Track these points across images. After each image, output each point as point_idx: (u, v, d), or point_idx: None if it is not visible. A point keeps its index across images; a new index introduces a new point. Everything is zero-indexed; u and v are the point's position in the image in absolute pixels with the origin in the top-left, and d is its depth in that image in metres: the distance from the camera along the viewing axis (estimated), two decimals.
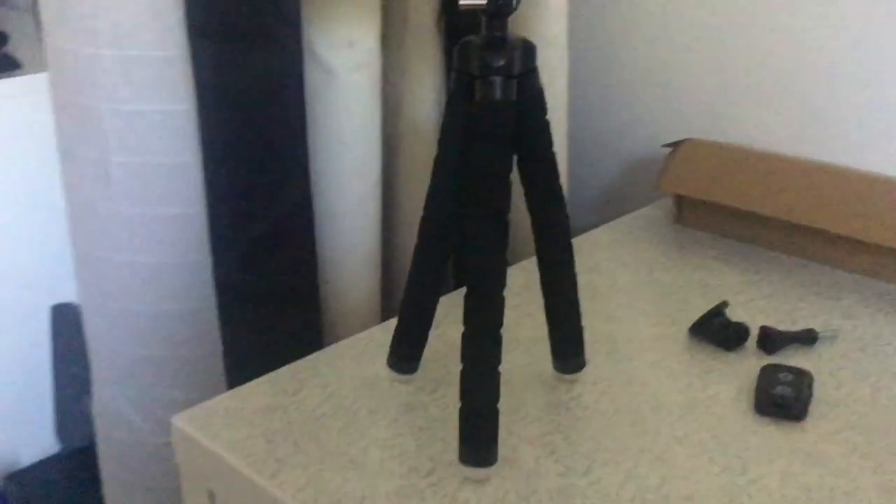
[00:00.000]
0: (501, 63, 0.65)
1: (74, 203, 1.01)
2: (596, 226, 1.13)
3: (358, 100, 0.95)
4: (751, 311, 0.92)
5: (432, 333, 0.79)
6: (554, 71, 1.09)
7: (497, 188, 0.65)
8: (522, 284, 0.94)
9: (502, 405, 0.69)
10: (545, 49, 1.08)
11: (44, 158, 1.06)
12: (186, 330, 1.03)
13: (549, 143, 0.71)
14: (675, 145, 1.11)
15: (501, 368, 0.68)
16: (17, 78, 1.30)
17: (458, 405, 0.68)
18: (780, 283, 0.98)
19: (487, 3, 0.64)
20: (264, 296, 0.98)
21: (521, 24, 1.05)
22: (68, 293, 1.31)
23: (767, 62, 1.11)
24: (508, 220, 0.67)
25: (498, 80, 0.65)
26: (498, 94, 0.65)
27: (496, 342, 0.67)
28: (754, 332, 0.87)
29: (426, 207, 0.73)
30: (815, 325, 0.89)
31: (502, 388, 0.68)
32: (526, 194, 0.72)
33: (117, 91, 0.91)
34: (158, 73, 0.90)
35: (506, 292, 0.67)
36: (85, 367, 1.10)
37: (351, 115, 0.96)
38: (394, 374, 0.81)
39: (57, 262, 1.33)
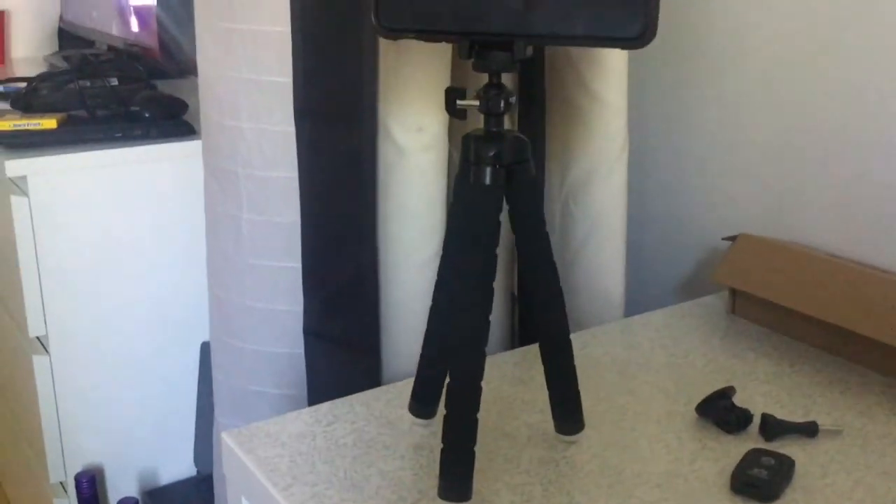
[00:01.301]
0: (492, 153, 0.76)
1: (211, 251, 1.18)
2: (656, 307, 1.20)
3: (424, 177, 1.09)
4: (767, 400, 0.96)
5: None
6: (614, 163, 1.18)
7: (481, 261, 0.76)
8: None
9: (501, 456, 0.78)
10: (606, 143, 1.18)
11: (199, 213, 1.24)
12: (290, 370, 1.19)
13: (542, 225, 0.81)
14: (733, 239, 1.17)
15: (514, 427, 0.77)
16: (191, 142, 1.49)
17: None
18: (807, 377, 1.01)
19: (479, 104, 0.76)
20: (337, 342, 1.12)
21: (583, 120, 1.16)
22: None
23: (829, 164, 1.15)
24: (492, 289, 0.77)
25: (488, 168, 0.76)
26: (487, 180, 0.76)
27: (475, 394, 0.77)
28: (758, 419, 0.91)
29: (439, 274, 0.85)
30: (827, 420, 0.92)
31: (507, 442, 0.78)
32: (520, 272, 0.82)
33: (251, 159, 1.09)
34: (284, 145, 1.07)
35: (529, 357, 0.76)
36: None
37: (418, 190, 1.09)
38: (413, 418, 0.92)
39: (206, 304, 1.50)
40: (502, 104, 0.76)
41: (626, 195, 1.21)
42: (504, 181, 0.77)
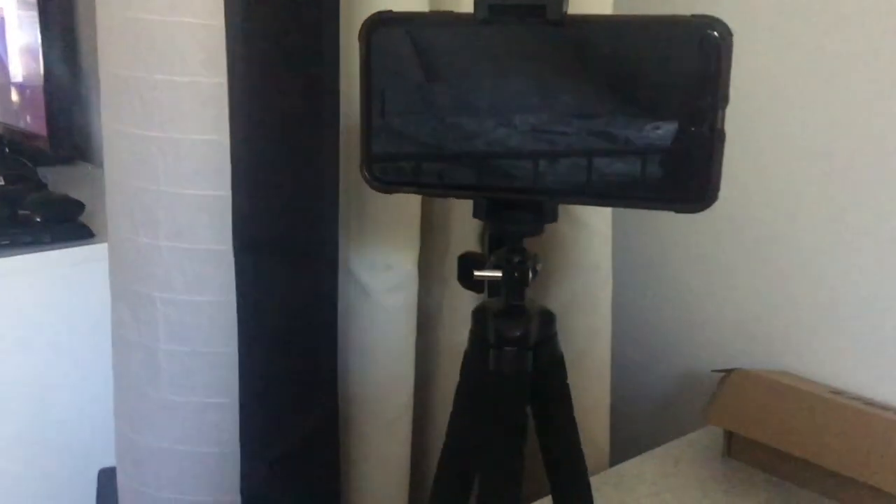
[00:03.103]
0: (517, 334, 0.63)
1: (120, 385, 1.02)
2: (644, 446, 1.08)
3: (392, 320, 0.95)
4: None
5: None
6: (598, 292, 1.07)
7: (507, 457, 0.63)
8: None
9: None
10: (590, 271, 1.07)
11: (102, 326, 1.11)
12: None
13: (570, 409, 0.68)
14: (725, 373, 1.07)
15: None
16: (90, 246, 1.35)
17: None
18: None
19: (503, 275, 0.62)
20: None
21: (565, 247, 1.04)
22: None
23: (819, 291, 1.08)
24: (520, 484, 0.64)
25: (512, 350, 0.63)
26: (511, 366, 0.63)
27: None
28: None
29: (439, 461, 0.71)
30: None
31: None
32: (544, 452, 0.69)
33: (171, 281, 0.94)
34: (212, 267, 0.93)
35: None
36: None
37: (385, 335, 0.95)
38: None
39: (107, 428, 1.35)
40: (531, 274, 0.63)
41: (609, 326, 1.09)
42: (529, 365, 0.64)
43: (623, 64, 0.56)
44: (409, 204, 0.93)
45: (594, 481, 1.01)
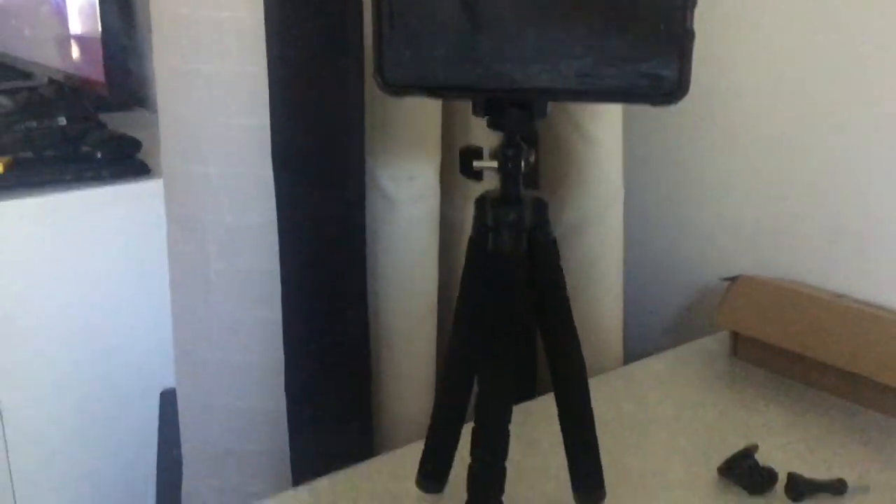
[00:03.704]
0: (512, 217, 0.70)
1: (177, 302, 1.11)
2: (655, 353, 1.15)
3: (416, 229, 1.03)
4: (787, 454, 0.92)
5: (459, 455, 0.84)
6: (609, 207, 1.14)
7: (507, 334, 0.70)
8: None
9: None
10: (602, 186, 1.14)
11: (161, 257, 1.16)
12: (268, 427, 1.11)
13: (563, 290, 0.75)
14: (732, 279, 1.13)
15: (530, 499, 0.71)
16: (146, 182, 1.40)
17: None
18: (825, 427, 0.98)
19: (499, 165, 0.70)
20: (325, 407, 1.05)
21: (578, 163, 1.11)
22: None
23: (825, 202, 1.12)
24: (516, 368, 0.72)
25: (508, 233, 0.70)
26: (508, 246, 0.70)
27: (499, 479, 0.72)
28: (783, 477, 0.87)
29: (450, 345, 0.79)
30: (852, 474, 0.88)
31: None
32: (542, 338, 0.77)
33: (220, 205, 1.02)
34: (256, 190, 1.00)
35: (540, 422, 0.74)
36: None
37: (409, 242, 1.03)
38: (421, 493, 0.86)
39: (166, 352, 1.43)
40: (523, 164, 0.70)
41: (622, 241, 1.16)
42: (525, 247, 0.71)
43: None
44: (429, 115, 1.00)
45: (604, 378, 1.09)
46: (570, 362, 0.78)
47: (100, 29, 1.79)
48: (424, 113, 1.00)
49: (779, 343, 1.05)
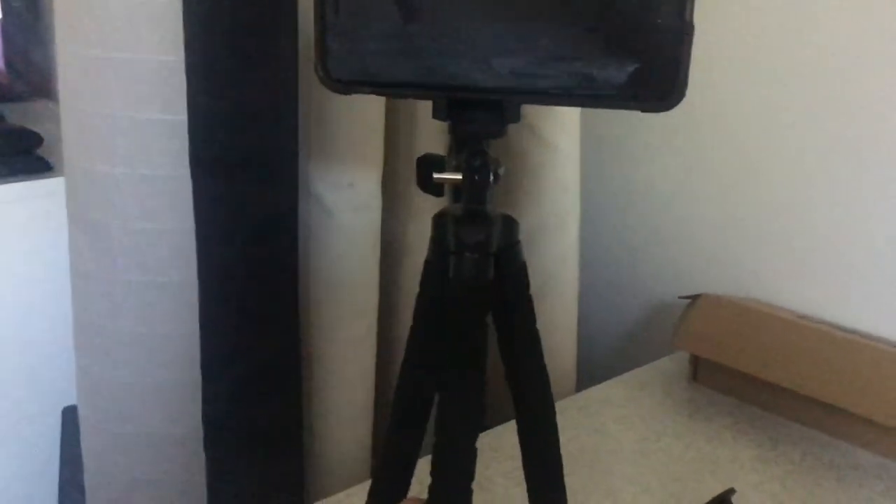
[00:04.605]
0: (479, 239, 0.60)
1: (79, 315, 0.99)
2: (611, 373, 1.07)
3: (356, 241, 0.92)
4: (762, 495, 0.85)
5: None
6: (566, 216, 1.05)
7: (469, 371, 0.61)
8: None
9: None
10: (558, 194, 1.05)
11: (63, 262, 1.07)
12: (179, 454, 0.99)
13: (532, 320, 0.66)
14: (692, 298, 1.06)
15: None
16: (48, 180, 1.30)
17: None
18: (797, 464, 0.90)
19: (463, 178, 0.60)
20: (247, 435, 0.94)
21: (533, 169, 1.02)
22: None
23: (785, 218, 1.06)
24: (482, 402, 0.62)
25: (474, 257, 0.60)
26: (473, 273, 0.61)
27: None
28: None
29: (401, 377, 0.69)
30: None
31: None
32: (507, 372, 0.67)
33: (128, 209, 0.91)
34: (170, 193, 0.89)
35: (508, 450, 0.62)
36: None
37: (348, 256, 0.92)
38: None
39: (70, 365, 1.33)
40: (492, 177, 0.60)
41: (577, 251, 1.07)
42: (491, 272, 0.61)
43: None
44: (371, 117, 0.90)
45: (560, 406, 1.00)
46: (539, 402, 0.68)
47: None
48: (366, 112, 0.90)
49: (740, 367, 0.99)
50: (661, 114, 1.22)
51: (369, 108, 0.89)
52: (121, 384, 0.96)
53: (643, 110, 0.56)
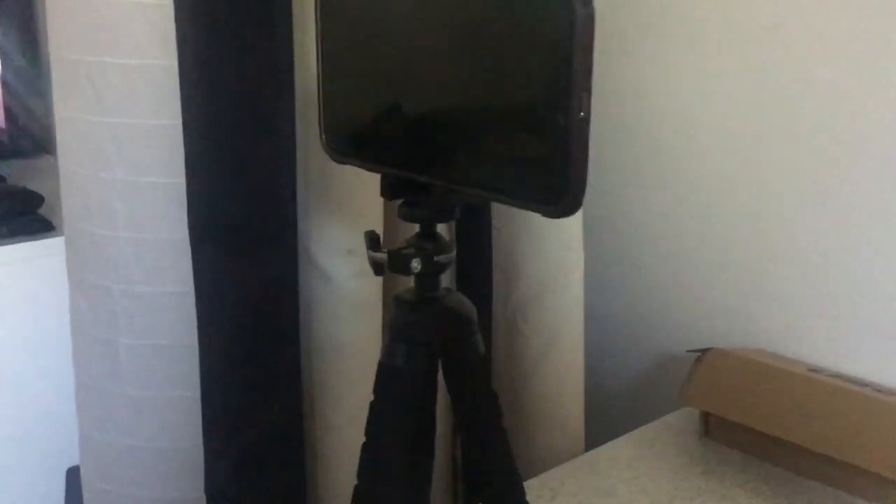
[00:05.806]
0: (418, 328, 0.61)
1: (81, 379, 0.99)
2: (619, 428, 1.06)
3: (357, 307, 0.94)
4: None
5: None
6: (571, 273, 1.05)
7: (412, 464, 0.61)
8: None
9: None
10: (562, 252, 1.05)
11: (66, 320, 1.03)
12: None
13: (496, 415, 0.65)
14: (700, 353, 1.04)
15: None
16: (50, 240, 1.30)
17: None
18: None
19: (388, 259, 0.61)
20: None
21: (535, 230, 1.02)
22: None
23: (795, 269, 1.04)
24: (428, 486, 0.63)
25: (403, 346, 0.61)
26: (400, 360, 0.61)
27: None
28: None
29: (362, 457, 0.69)
30: None
31: None
32: (467, 476, 0.67)
33: (129, 273, 0.91)
34: (170, 256, 0.90)
35: None
36: None
37: (349, 322, 0.94)
38: None
39: (74, 425, 1.29)
40: (418, 265, 0.59)
41: (583, 311, 1.07)
42: (434, 364, 0.62)
43: (486, 35, 0.49)
44: (371, 183, 0.91)
45: (569, 466, 1.00)
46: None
47: None
48: (365, 175, 0.91)
49: (752, 424, 0.97)
50: (665, 167, 1.22)
51: (367, 173, 0.90)
52: (122, 447, 0.96)
53: (540, 213, 0.51)
